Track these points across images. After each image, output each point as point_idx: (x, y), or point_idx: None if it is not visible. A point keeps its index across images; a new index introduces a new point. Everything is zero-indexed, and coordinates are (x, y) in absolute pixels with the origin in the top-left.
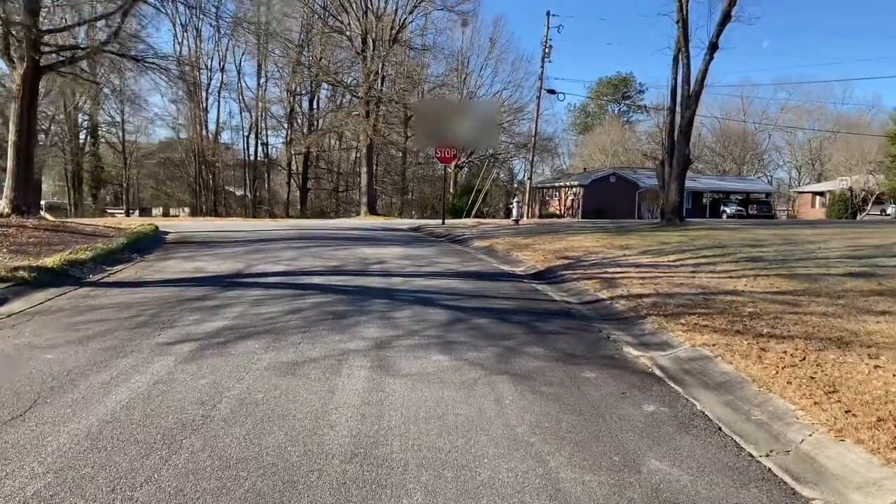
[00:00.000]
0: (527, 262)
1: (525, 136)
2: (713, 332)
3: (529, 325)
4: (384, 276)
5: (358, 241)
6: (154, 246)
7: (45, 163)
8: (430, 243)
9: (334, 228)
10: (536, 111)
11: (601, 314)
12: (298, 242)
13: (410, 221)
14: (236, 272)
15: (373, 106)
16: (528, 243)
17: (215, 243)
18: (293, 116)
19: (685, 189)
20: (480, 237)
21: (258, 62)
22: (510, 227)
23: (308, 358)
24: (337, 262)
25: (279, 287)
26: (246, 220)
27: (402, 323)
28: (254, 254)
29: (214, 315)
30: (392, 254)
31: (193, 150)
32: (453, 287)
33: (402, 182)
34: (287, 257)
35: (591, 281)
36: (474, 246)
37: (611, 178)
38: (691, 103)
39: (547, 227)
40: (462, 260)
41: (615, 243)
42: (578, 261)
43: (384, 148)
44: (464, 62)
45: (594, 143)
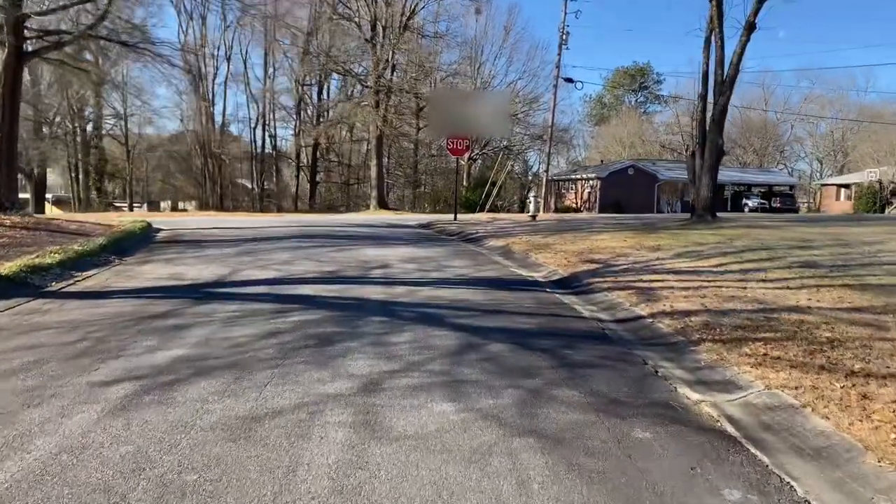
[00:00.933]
0: (548, 266)
1: (540, 127)
2: (789, 366)
3: (557, 353)
4: (386, 283)
5: (362, 239)
6: (139, 246)
7: (49, 155)
8: (441, 243)
9: (339, 224)
10: (553, 100)
11: (642, 337)
12: (297, 241)
13: (421, 216)
14: (217, 279)
15: (382, 96)
16: (548, 243)
17: (207, 242)
18: (302, 107)
19: None
20: (495, 235)
21: (265, 51)
22: (527, 224)
23: (272, 409)
24: (334, 267)
25: (261, 299)
26: (251, 214)
27: (401, 351)
28: (244, 255)
29: (174, 339)
30: (397, 255)
31: (199, 142)
32: (465, 299)
33: (414, 175)
34: (279, 260)
35: (625, 292)
36: (489, 246)
37: (629, 170)
38: (725, 89)
39: (567, 225)
40: (475, 263)
41: (645, 243)
42: (606, 265)
43: (395, 140)
44: (477, 51)
45: (611, 134)
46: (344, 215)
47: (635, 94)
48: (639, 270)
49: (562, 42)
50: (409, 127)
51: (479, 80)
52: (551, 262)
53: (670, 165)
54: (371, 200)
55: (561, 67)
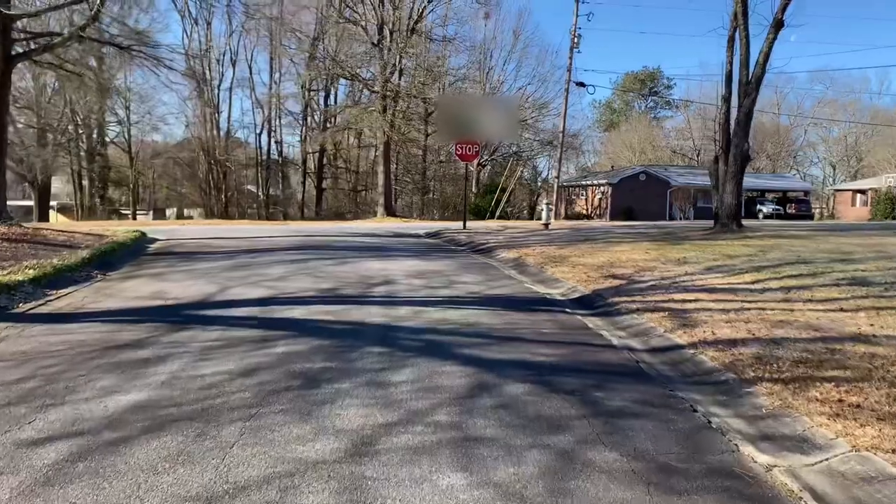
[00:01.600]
0: (566, 281)
1: (550, 132)
2: (876, 418)
3: (587, 395)
4: (388, 304)
5: (366, 251)
6: (128, 258)
7: (53, 163)
8: (450, 254)
9: (344, 234)
10: (565, 105)
11: (684, 373)
12: (296, 253)
13: (429, 224)
14: (202, 299)
15: (390, 101)
16: (564, 255)
17: (201, 255)
18: (308, 113)
19: None
20: (507, 246)
21: (271, 55)
22: (540, 233)
23: (234, 484)
24: (332, 283)
25: (246, 324)
26: (255, 223)
27: (401, 395)
28: (237, 270)
29: (136, 378)
30: (403, 269)
31: (204, 148)
32: (476, 323)
33: (423, 181)
34: (274, 276)
35: (657, 314)
36: (501, 258)
37: (640, 176)
38: (751, 90)
39: (582, 234)
40: (487, 278)
41: (669, 256)
42: (631, 281)
43: (403, 146)
44: (486, 56)
45: (621, 140)
46: (350, 223)
47: (645, 99)
48: (668, 288)
49: (573, 45)
50: (418, 133)
51: (489, 85)
52: (570, 278)
53: (682, 171)
54: (378, 208)
55: (572, 71)
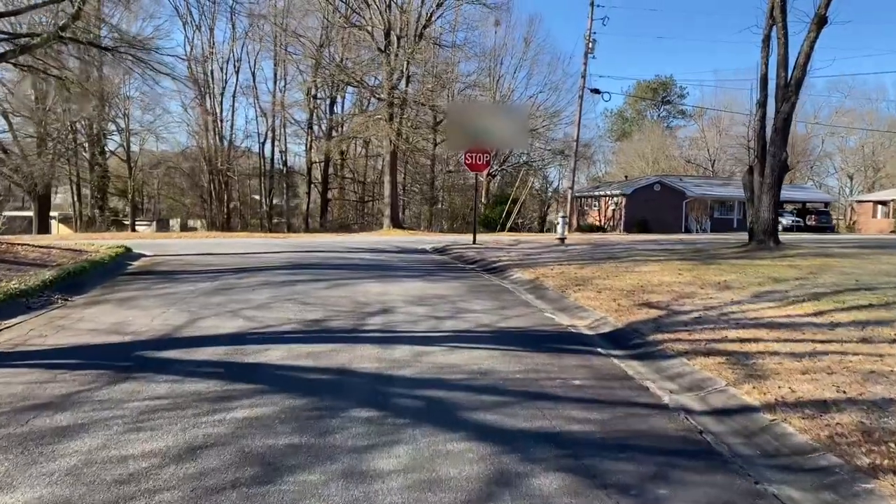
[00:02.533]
0: (593, 310)
1: (561, 141)
2: None
3: (648, 495)
4: (384, 341)
5: (366, 270)
6: (102, 279)
7: (52, 173)
8: (458, 274)
9: (345, 249)
10: (579, 112)
11: (765, 450)
12: (288, 273)
13: (437, 238)
14: (166, 334)
15: (396, 109)
16: (586, 276)
17: (184, 274)
18: (314, 122)
19: (734, 199)
20: (522, 264)
21: (275, 61)
22: (556, 248)
23: None
24: (321, 313)
25: (206, 374)
26: (255, 235)
27: (391, 496)
28: (217, 294)
29: (36, 463)
30: (404, 294)
31: (205, 158)
32: (490, 371)
33: (431, 192)
34: (257, 302)
35: (711, 359)
36: (515, 278)
37: (655, 186)
38: (790, 94)
39: (602, 251)
40: (500, 305)
41: (707, 278)
42: (669, 311)
43: (411, 155)
44: (496, 64)
45: (633, 149)
46: (354, 236)
47: (657, 108)
48: (716, 321)
49: (587, 51)
50: (426, 142)
51: (499, 93)
52: (597, 305)
53: (698, 181)
54: (384, 219)
55: (587, 77)
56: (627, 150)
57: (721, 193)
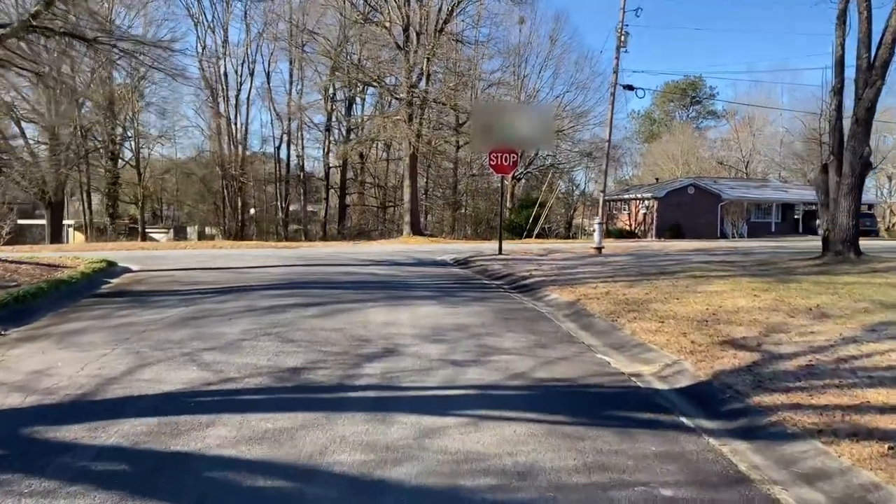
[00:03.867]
0: (659, 348)
1: (588, 143)
2: None
3: None
4: (379, 407)
5: (373, 289)
6: (61, 302)
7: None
8: (482, 293)
9: (355, 261)
10: (611, 110)
11: None
12: (280, 295)
13: (460, 246)
14: (86, 392)
15: (416, 109)
16: (639, 297)
17: (160, 296)
18: (331, 125)
19: (771, 202)
20: (557, 281)
21: (290, 61)
22: (593, 259)
23: None
24: (302, 359)
25: (96, 479)
26: (265, 245)
27: None
28: (181, 327)
29: None
30: (415, 324)
31: (218, 164)
32: (532, 466)
33: (454, 196)
34: (225, 340)
35: (864, 445)
36: (551, 300)
37: (689, 188)
38: (874, 78)
39: (650, 262)
40: (537, 341)
41: (793, 302)
42: (764, 353)
43: (433, 158)
44: (522, 63)
45: (662, 151)
46: (371, 245)
47: (687, 108)
48: (838, 372)
49: (619, 45)
50: (448, 144)
51: (524, 93)
52: (663, 343)
53: (733, 184)
54: (404, 226)
55: (619, 73)
56: (656, 152)
57: (758, 196)
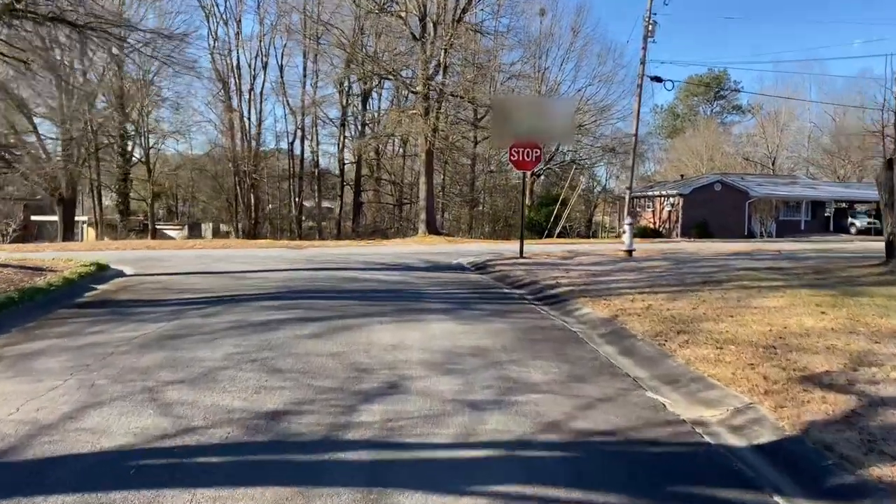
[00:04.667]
0: (721, 384)
1: (611, 137)
2: None
3: None
4: (372, 479)
5: (381, 299)
6: (33, 314)
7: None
8: (503, 305)
9: (365, 265)
10: (637, 102)
11: None
12: (273, 308)
13: (477, 246)
14: (11, 446)
15: (433, 103)
16: (685, 314)
17: (141, 308)
18: (346, 120)
19: (801, 199)
20: (588, 290)
21: (304, 53)
22: (625, 264)
23: None
24: (287, 397)
25: None
26: (276, 244)
27: None
28: (154, 349)
29: None
30: (426, 347)
31: (230, 160)
32: None
33: (471, 193)
34: (200, 369)
35: None
36: (583, 315)
37: (715, 185)
38: None
39: (691, 270)
40: (570, 372)
41: (871, 322)
42: (859, 395)
43: (450, 154)
44: (542, 55)
45: (686, 146)
46: (385, 244)
47: (710, 103)
48: None
49: (647, 34)
50: (466, 140)
51: (545, 86)
52: (728, 377)
53: (761, 180)
54: (419, 224)
55: (646, 64)
56: (679, 148)
57: (786, 193)
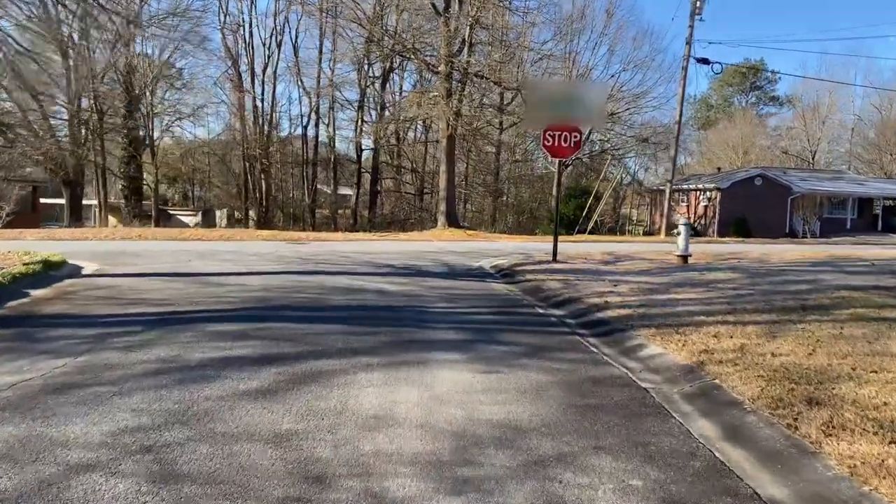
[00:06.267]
0: None
1: (644, 126)
2: None
3: None
4: None
5: (375, 324)
6: None
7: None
8: (538, 339)
9: (369, 267)
10: (682, 86)
11: None
12: (226, 339)
13: (501, 245)
14: None
15: (456, 84)
16: (802, 363)
17: (66, 327)
18: (364, 104)
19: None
20: (648, 316)
21: (321, 30)
22: (682, 272)
23: None
24: None
25: None
26: (280, 235)
27: None
28: (15, 416)
29: None
30: (426, 421)
31: (240, 143)
32: None
33: (495, 183)
34: (31, 482)
35: None
36: (650, 357)
37: (756, 179)
38: None
39: (772, 285)
40: (661, 486)
41: None
42: None
43: (473, 141)
44: (575, 38)
45: (720, 138)
46: (399, 239)
47: (745, 94)
48: None
49: (694, 10)
50: (491, 127)
51: (576, 70)
52: None
53: (804, 175)
54: (439, 216)
55: (692, 44)
56: (713, 140)
57: (832, 189)
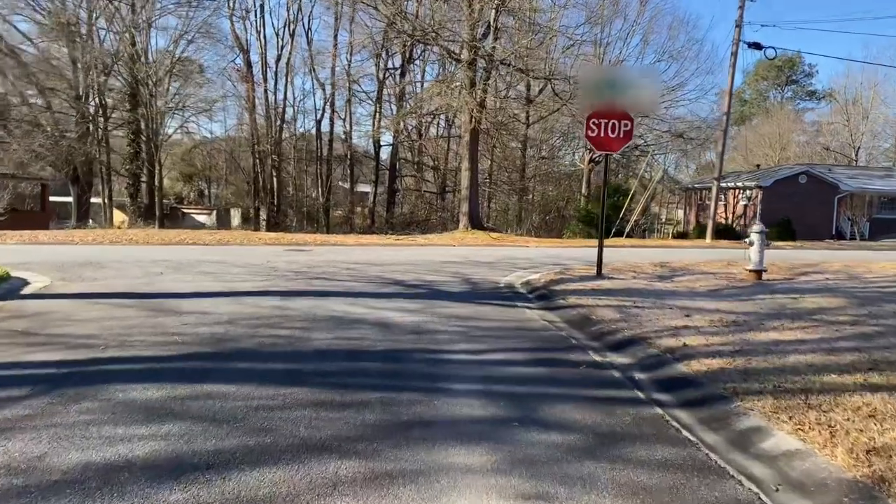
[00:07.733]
0: None
1: (679, 120)
2: None
3: None
4: None
5: (359, 389)
6: None
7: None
8: (601, 418)
9: (375, 284)
10: (731, 73)
11: None
12: (125, 424)
13: (530, 252)
14: None
15: (480, 72)
16: None
17: None
18: (383, 97)
19: None
20: (751, 371)
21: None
22: (754, 287)
23: None
24: None
25: None
26: (284, 238)
27: None
28: None
29: None
30: None
31: (247, 139)
32: None
33: (521, 181)
34: None
35: None
36: (784, 457)
37: (800, 177)
38: None
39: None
40: None
41: None
42: None
43: (498, 137)
44: (606, 27)
45: (756, 134)
46: (416, 244)
47: (781, 88)
48: None
49: None
50: (517, 121)
51: (607, 61)
52: None
53: (852, 173)
54: (461, 217)
55: (742, 27)
56: (749, 136)
57: (883, 188)
